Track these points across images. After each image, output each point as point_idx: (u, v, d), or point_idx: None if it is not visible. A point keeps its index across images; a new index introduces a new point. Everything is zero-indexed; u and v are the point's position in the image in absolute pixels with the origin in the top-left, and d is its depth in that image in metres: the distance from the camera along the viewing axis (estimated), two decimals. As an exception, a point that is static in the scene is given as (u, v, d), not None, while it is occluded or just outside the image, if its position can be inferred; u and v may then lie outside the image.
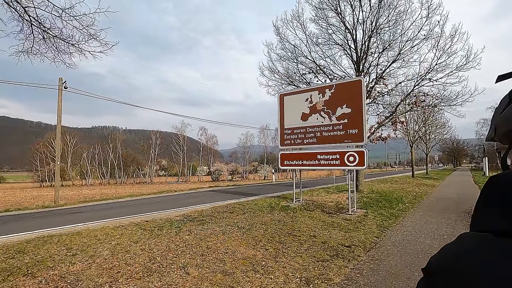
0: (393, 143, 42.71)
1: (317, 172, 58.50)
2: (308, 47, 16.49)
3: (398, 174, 46.21)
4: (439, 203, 14.32)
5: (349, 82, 11.61)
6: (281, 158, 13.40)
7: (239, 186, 28.24)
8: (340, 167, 11.61)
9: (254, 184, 31.62)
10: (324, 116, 12.05)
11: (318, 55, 16.58)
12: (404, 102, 16.86)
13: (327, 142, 11.95)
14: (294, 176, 14.31)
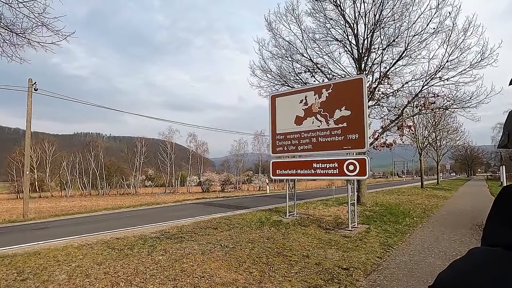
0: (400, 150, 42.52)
1: (316, 183, 58.12)
2: (303, 43, 16.24)
3: (406, 185, 46.12)
4: (452, 217, 14.03)
5: (349, 81, 11.29)
6: (273, 167, 13.09)
7: (230, 198, 28.04)
8: (339, 177, 11.26)
9: (246, 196, 31.37)
10: (321, 119, 11.72)
11: (315, 52, 16.34)
12: (411, 104, 16.57)
13: (324, 149, 11.61)
14: (288, 187, 13.87)
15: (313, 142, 11.89)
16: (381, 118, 16.91)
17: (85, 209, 22.92)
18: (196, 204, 21.48)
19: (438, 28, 14.02)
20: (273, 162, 13.13)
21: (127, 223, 13.54)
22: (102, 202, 32.89)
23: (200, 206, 19.89)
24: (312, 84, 14.58)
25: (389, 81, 15.69)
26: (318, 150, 11.80)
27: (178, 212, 17.05)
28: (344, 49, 16.30)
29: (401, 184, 50.87)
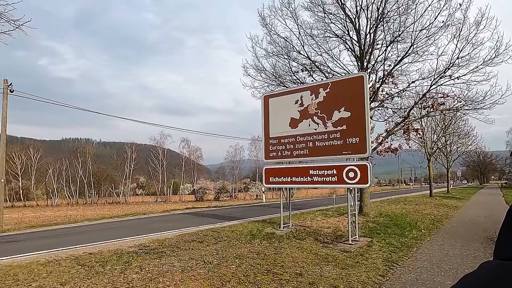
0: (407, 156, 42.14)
1: (317, 191, 57.69)
2: (300, 40, 16.01)
3: (414, 193, 45.71)
4: (463, 229, 13.72)
5: (348, 79, 11.00)
6: (266, 174, 12.80)
7: (223, 208, 27.83)
8: (338, 185, 10.92)
9: (242, 205, 31.10)
10: (318, 121, 11.40)
11: (313, 49, 16.11)
12: (418, 106, 16.34)
13: (321, 154, 11.30)
14: (282, 196, 13.47)
15: (310, 146, 11.55)
16: (385, 121, 16.63)
17: (69, 219, 22.83)
18: (185, 215, 21.19)
19: (447, 22, 13.77)
20: (266, 169, 12.82)
21: (106, 235, 13.15)
22: (89, 211, 32.80)
23: (189, 217, 19.58)
24: (308, 83, 14.21)
25: (394, 80, 15.44)
26: (315, 155, 11.48)
27: (164, 223, 16.69)
28: (345, 46, 16.11)
29: (408, 192, 50.36)
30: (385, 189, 78.18)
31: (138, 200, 58.52)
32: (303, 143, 11.71)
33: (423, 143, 33.56)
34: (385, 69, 15.25)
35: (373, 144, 15.70)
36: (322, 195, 48.49)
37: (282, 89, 13.90)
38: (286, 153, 12.19)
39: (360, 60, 15.61)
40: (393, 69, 15.18)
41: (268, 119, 12.84)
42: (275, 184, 12.56)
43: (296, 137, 11.92)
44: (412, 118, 16.94)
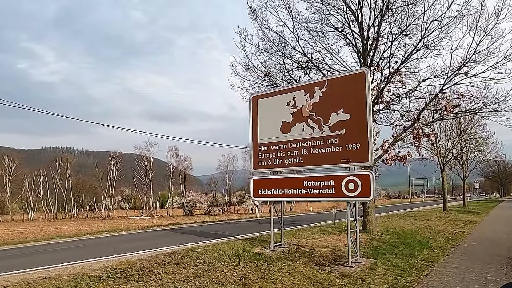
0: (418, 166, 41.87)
1: (319, 204, 57.17)
2: (295, 34, 15.73)
3: (426, 207, 45.38)
4: (482, 248, 13.33)
5: (348, 76, 10.66)
6: (254, 185, 12.48)
7: (212, 223, 27.66)
8: (336, 198, 10.49)
9: (233, 220, 30.98)
10: (313, 125, 11.03)
11: (309, 44, 15.90)
12: (430, 108, 16.12)
13: (317, 163, 10.93)
14: (273, 210, 13.04)
15: (304, 154, 11.17)
16: (391, 125, 16.23)
17: (42, 235, 22.87)
18: (167, 231, 20.85)
19: (462, 11, 13.46)
20: (254, 180, 12.52)
21: (72, 255, 12.65)
22: (67, 227, 32.93)
23: (171, 234, 19.26)
24: (301, 82, 13.92)
25: (402, 79, 15.15)
26: (309, 164, 11.12)
27: (141, 241, 16.31)
28: (346, 41, 15.85)
29: (419, 206, 50.13)
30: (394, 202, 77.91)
31: (122, 214, 58.51)
32: (297, 150, 11.34)
33: (436, 150, 33.13)
34: (391, 66, 14.96)
35: (377, 152, 15.36)
36: (324, 209, 48.15)
37: (273, 89, 13.61)
38: (277, 161, 11.83)
39: (363, 57, 15.34)
40: (401, 66, 14.87)
41: (257, 123, 12.55)
42: (264, 197, 12.27)
43: (288, 143, 11.56)
44: (422, 122, 16.54)
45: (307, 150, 11.07)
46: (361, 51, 15.38)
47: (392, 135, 16.21)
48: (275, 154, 11.87)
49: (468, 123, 32.87)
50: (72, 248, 14.72)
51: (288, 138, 11.56)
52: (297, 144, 11.33)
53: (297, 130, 11.35)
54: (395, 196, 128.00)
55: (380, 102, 15.64)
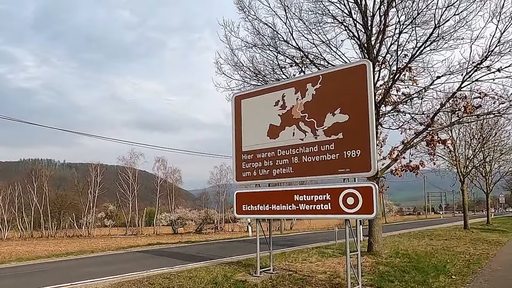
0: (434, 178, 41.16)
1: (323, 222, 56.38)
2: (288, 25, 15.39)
3: (444, 224, 45.04)
4: (510, 274, 12.68)
5: (346, 70, 10.07)
6: (238, 200, 11.88)
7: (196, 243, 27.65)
8: (332, 215, 9.86)
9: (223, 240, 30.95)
10: (305, 129, 10.43)
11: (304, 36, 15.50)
12: (446, 109, 15.86)
13: (310, 174, 10.38)
14: (259, 230, 12.48)
15: (295, 163, 10.57)
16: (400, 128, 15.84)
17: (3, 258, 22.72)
18: (144, 253, 20.50)
19: None
20: (237, 194, 11.94)
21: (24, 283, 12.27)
22: (41, 247, 32.73)
23: (146, 256, 18.88)
24: (291, 78, 13.51)
25: (412, 76, 14.70)
26: (301, 175, 10.56)
27: (110, 265, 15.87)
28: (347, 33, 15.44)
29: (437, 223, 49.83)
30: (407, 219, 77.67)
31: (105, 232, 58.36)
32: (286, 158, 10.76)
33: (455, 160, 32.43)
34: (398, 59, 14.50)
35: (384, 160, 15.08)
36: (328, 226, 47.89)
37: (258, 87, 13.22)
38: (264, 172, 11.26)
39: (367, 51, 14.94)
40: (411, 60, 14.42)
41: (240, 127, 12.07)
42: (249, 214, 11.71)
43: (276, 150, 10.98)
44: (437, 126, 16.28)
45: (298, 158, 10.49)
46: (365, 44, 15.03)
47: (402, 141, 15.79)
48: (261, 163, 11.34)
49: (492, 127, 31.99)
50: (25, 274, 14.21)
51: (276, 144, 11.02)
52: (286, 151, 10.77)
53: (287, 134, 10.81)
54: (409, 212, 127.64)
55: (387, 103, 15.29)
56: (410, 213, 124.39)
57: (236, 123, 12.12)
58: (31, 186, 58.24)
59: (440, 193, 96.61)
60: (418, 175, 16.36)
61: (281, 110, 10.98)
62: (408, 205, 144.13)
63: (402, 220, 68.80)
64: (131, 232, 54.56)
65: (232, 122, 12.26)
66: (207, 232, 49.55)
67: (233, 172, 12.20)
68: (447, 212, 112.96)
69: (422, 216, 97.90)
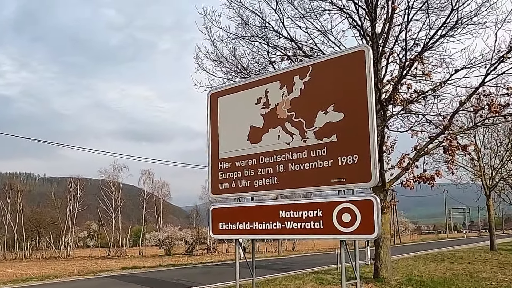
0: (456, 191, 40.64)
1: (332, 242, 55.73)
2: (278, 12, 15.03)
3: (467, 245, 44.49)
4: None
5: (340, 58, 9.44)
6: (214, 217, 11.25)
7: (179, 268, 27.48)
8: (325, 235, 9.27)
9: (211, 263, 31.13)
10: (292, 131, 9.84)
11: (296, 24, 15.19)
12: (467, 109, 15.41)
13: (298, 185, 9.78)
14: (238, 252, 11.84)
15: (280, 172, 9.94)
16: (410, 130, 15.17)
17: None
18: (112, 279, 20.19)
19: None
20: (213, 210, 11.31)
21: None
22: (12, 270, 32.65)
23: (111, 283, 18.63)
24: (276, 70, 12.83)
25: (424, 69, 14.19)
26: (288, 186, 9.91)
27: None
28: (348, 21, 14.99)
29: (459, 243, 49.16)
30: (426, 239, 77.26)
31: (85, 254, 57.90)
32: (270, 167, 10.14)
33: (479, 170, 31.65)
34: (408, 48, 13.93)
35: (393, 170, 14.70)
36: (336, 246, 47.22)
37: (237, 82, 12.88)
38: (244, 183, 10.65)
39: (372, 41, 14.40)
40: (424, 50, 13.88)
41: (217, 130, 11.51)
42: (227, 234, 11.14)
43: (258, 157, 10.38)
44: (457, 129, 15.79)
45: (284, 167, 9.87)
46: (369, 34, 14.58)
47: (414, 147, 15.27)
48: (241, 173, 10.75)
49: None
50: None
51: (258, 150, 10.44)
52: (270, 158, 10.17)
53: (271, 138, 10.22)
54: (428, 230, 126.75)
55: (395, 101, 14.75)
56: (430, 231, 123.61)
57: (212, 125, 11.61)
58: (4, 202, 58.08)
59: (463, 209, 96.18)
60: (434, 187, 15.93)
61: (264, 108, 10.42)
62: (427, 223, 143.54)
63: (420, 240, 68.20)
64: (114, 253, 54.13)
65: (208, 125, 11.74)
66: (199, 254, 49.32)
67: (209, 184, 11.67)
68: (472, 230, 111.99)
69: (443, 235, 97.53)
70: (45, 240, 58.48)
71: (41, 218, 62.11)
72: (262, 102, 10.45)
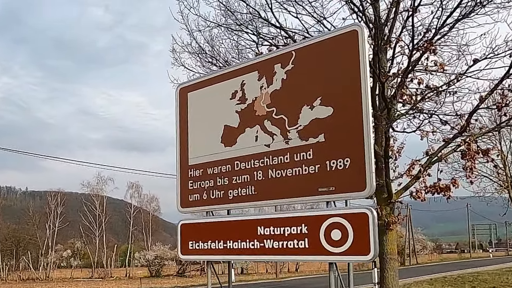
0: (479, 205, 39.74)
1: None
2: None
3: (493, 266, 43.81)
4: None
5: (328, 41, 8.65)
6: (183, 234, 10.66)
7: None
8: (311, 256, 8.64)
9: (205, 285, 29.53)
10: (273, 130, 9.13)
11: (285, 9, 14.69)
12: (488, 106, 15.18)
13: (279, 196, 9.07)
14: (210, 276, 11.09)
15: (258, 180, 9.21)
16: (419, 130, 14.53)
17: None
18: None
19: None
20: (182, 226, 10.71)
21: None
22: None
23: None
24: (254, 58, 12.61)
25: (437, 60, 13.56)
26: (267, 198, 9.18)
27: None
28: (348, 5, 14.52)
29: (484, 264, 48.46)
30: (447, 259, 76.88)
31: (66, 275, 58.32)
32: (246, 174, 9.44)
33: (505, 180, 31.00)
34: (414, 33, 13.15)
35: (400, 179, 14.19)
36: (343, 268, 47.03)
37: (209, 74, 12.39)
38: (217, 194, 9.94)
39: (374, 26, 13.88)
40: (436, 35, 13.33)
41: (187, 131, 10.86)
42: (198, 255, 10.57)
43: (233, 162, 9.68)
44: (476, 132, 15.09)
45: (263, 174, 9.14)
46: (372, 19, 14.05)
47: (426, 151, 14.57)
48: (214, 182, 10.04)
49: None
50: None
51: (233, 154, 9.73)
52: (247, 163, 9.44)
53: (247, 139, 9.50)
54: (450, 249, 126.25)
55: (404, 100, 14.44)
56: (451, 250, 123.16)
57: (181, 126, 10.97)
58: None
59: (489, 225, 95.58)
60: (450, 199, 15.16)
61: (240, 104, 9.72)
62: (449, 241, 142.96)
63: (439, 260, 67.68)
64: (98, 275, 54.95)
65: (176, 126, 11.12)
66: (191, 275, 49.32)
67: (177, 195, 11.04)
68: (499, 249, 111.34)
69: (466, 254, 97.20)
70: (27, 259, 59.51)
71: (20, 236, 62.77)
72: (238, 96, 9.78)
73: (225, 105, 9.95)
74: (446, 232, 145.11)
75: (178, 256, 11.63)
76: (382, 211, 13.41)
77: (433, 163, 14.53)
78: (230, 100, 9.83)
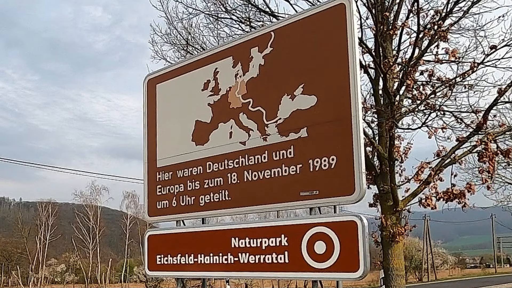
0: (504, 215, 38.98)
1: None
2: None
3: None
4: None
5: (311, 19, 7.94)
6: (150, 247, 10.07)
7: None
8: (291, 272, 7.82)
9: None
10: (249, 125, 8.51)
11: None
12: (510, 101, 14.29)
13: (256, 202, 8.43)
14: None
15: (233, 184, 8.60)
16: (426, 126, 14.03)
17: None
18: None
19: None
20: (149, 237, 10.11)
21: None
22: None
23: None
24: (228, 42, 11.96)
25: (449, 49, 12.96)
26: (242, 204, 8.56)
27: None
28: None
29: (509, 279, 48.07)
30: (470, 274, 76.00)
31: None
32: (220, 176, 8.79)
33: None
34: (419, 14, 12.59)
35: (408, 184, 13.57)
36: None
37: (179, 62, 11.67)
38: (188, 200, 9.30)
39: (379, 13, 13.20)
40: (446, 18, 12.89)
41: (155, 128, 10.24)
42: (166, 271, 9.84)
43: (205, 163, 9.02)
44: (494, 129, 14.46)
45: (238, 176, 8.48)
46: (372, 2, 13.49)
47: (437, 152, 13.96)
48: (184, 186, 9.40)
49: None
50: None
51: (205, 153, 9.07)
52: (220, 164, 8.79)
53: (221, 136, 8.86)
54: (474, 264, 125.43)
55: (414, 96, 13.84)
56: (476, 265, 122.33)
57: (149, 122, 10.32)
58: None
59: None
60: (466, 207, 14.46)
61: (213, 96, 9.06)
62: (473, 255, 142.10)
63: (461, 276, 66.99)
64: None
65: (143, 122, 10.50)
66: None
67: (144, 201, 10.44)
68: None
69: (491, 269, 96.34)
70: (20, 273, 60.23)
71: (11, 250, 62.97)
72: (210, 87, 9.12)
73: (197, 98, 9.34)
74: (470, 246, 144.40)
75: (145, 272, 10.89)
76: (387, 220, 12.83)
77: (445, 166, 13.93)
78: (202, 92, 9.21)
